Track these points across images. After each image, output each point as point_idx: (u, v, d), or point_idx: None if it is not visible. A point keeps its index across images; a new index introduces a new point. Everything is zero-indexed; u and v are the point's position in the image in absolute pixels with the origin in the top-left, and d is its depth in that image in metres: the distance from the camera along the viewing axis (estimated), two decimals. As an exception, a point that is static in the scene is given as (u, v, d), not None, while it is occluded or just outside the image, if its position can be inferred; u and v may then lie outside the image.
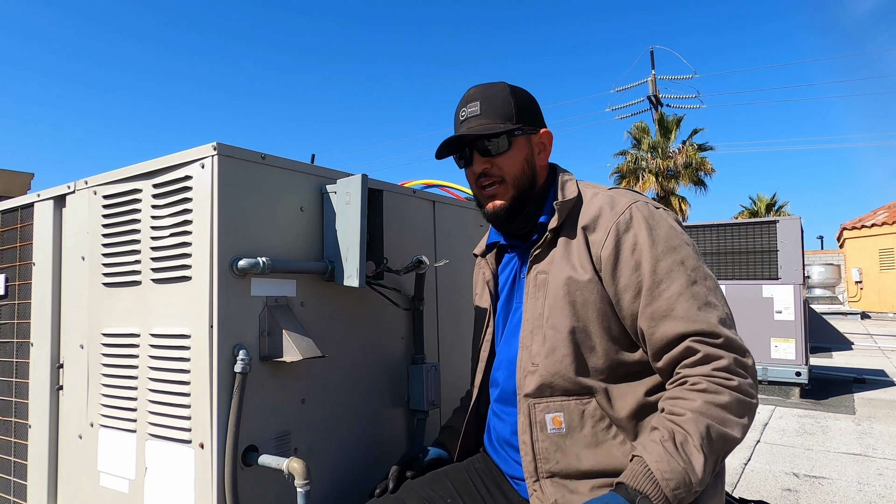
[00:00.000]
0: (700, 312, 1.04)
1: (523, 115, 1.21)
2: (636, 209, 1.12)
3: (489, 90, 1.22)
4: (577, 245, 1.15)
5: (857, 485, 3.17)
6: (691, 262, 1.09)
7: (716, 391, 1.00)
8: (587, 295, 1.12)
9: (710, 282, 1.09)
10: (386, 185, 1.60)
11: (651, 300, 1.07)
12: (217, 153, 1.19)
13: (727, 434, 0.99)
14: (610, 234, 1.11)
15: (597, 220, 1.14)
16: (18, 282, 1.72)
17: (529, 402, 1.13)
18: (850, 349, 9.12)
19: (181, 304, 1.23)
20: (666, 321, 1.05)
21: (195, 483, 1.19)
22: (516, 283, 1.28)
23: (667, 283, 1.06)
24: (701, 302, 1.05)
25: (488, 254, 1.38)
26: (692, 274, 1.07)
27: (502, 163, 1.20)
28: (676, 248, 1.09)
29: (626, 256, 1.09)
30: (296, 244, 1.35)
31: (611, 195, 1.18)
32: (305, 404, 1.34)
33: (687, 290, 1.05)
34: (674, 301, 1.05)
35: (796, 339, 5.19)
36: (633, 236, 1.10)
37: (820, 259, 18.31)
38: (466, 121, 1.21)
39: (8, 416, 1.73)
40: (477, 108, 1.19)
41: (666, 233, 1.10)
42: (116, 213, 1.40)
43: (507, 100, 1.20)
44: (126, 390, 1.34)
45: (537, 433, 1.12)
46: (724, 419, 0.99)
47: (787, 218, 5.44)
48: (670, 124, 23.78)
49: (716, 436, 0.98)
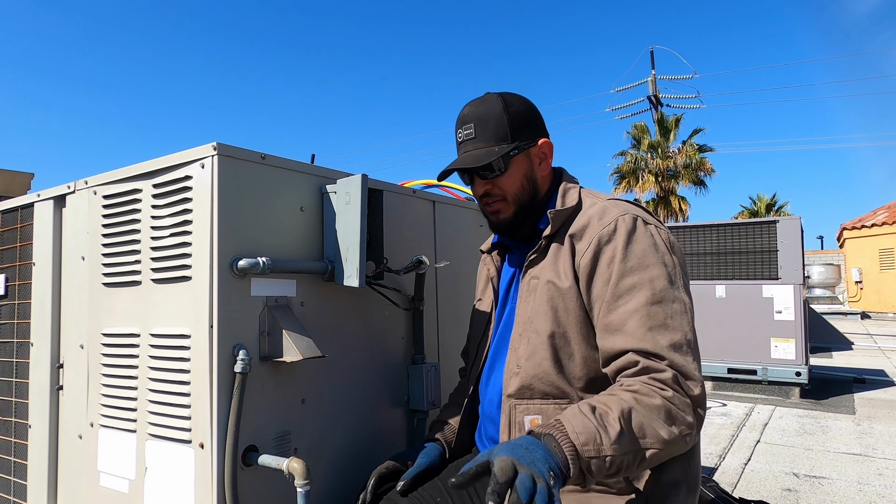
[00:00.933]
0: (649, 333, 1.02)
1: (519, 130, 1.21)
2: (622, 221, 1.11)
3: (481, 108, 1.21)
4: (564, 252, 1.16)
5: (857, 485, 3.17)
6: (661, 283, 1.06)
7: (647, 393, 0.97)
8: (568, 302, 1.13)
9: (678, 305, 1.05)
10: (386, 185, 1.60)
11: (607, 313, 1.07)
12: (217, 153, 1.19)
13: (649, 427, 0.95)
14: (592, 245, 1.11)
15: (584, 229, 1.15)
16: (18, 282, 1.72)
17: (511, 403, 1.16)
18: (850, 349, 9.12)
19: (181, 304, 1.23)
20: (615, 335, 1.05)
21: (195, 483, 1.19)
22: (513, 285, 1.31)
23: (626, 298, 1.06)
24: (655, 322, 1.03)
25: (493, 251, 1.40)
26: (657, 294, 1.05)
27: (502, 183, 1.22)
28: (648, 267, 1.07)
29: (602, 268, 1.10)
30: (296, 244, 1.35)
31: (605, 206, 1.17)
32: (305, 404, 1.34)
33: (643, 308, 1.04)
34: (626, 318, 1.04)
35: (796, 339, 5.19)
36: (611, 249, 1.10)
37: (820, 259, 18.32)
38: (463, 143, 1.22)
39: (8, 416, 1.73)
40: (472, 131, 1.20)
41: (642, 250, 1.08)
42: (116, 213, 1.40)
43: (501, 118, 1.20)
44: (126, 390, 1.34)
45: (515, 433, 1.14)
46: (650, 416, 0.95)
47: (787, 218, 5.44)
48: (670, 124, 23.78)
49: (637, 423, 0.94)
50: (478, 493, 1.25)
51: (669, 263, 1.09)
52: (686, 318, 1.06)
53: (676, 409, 0.97)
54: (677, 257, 1.12)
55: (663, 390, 0.98)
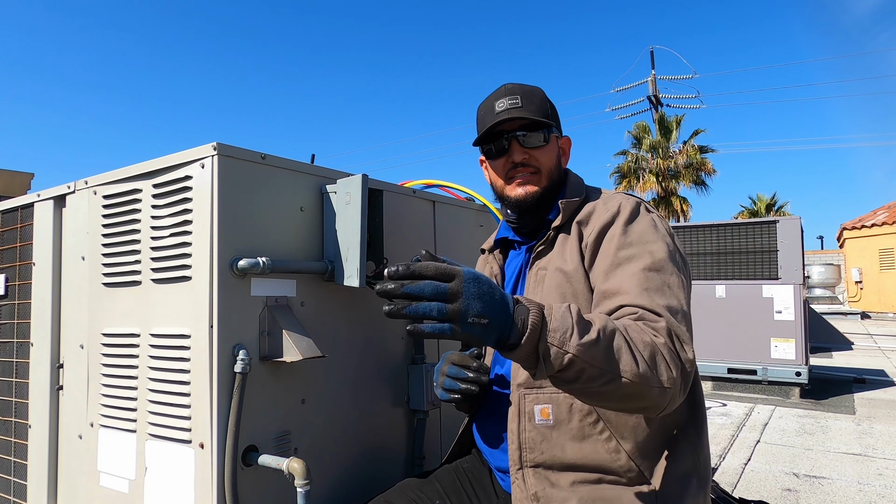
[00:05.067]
0: (646, 292, 0.99)
1: (554, 118, 1.27)
2: (626, 203, 1.16)
3: (528, 88, 1.25)
4: (571, 239, 1.18)
5: (857, 485, 3.17)
6: (660, 255, 1.05)
7: (639, 330, 0.92)
8: (575, 285, 1.13)
9: (675, 278, 1.03)
10: (386, 185, 1.60)
11: (605, 280, 1.07)
12: (217, 153, 1.19)
13: (626, 354, 0.87)
14: (597, 226, 1.14)
15: (590, 215, 1.18)
16: (18, 282, 1.72)
17: (520, 392, 1.15)
18: (850, 349, 9.12)
19: (181, 304, 1.23)
20: (612, 299, 1.03)
21: (195, 483, 1.19)
22: (520, 280, 1.30)
23: (623, 266, 1.05)
24: (652, 285, 1.00)
25: (496, 250, 1.40)
26: (656, 263, 1.04)
27: (540, 155, 1.23)
28: (647, 242, 1.08)
29: (605, 246, 1.12)
30: (296, 244, 1.35)
31: (610, 194, 1.23)
32: (305, 404, 1.34)
33: (641, 273, 1.02)
34: (623, 281, 1.03)
35: (796, 339, 5.19)
36: (615, 227, 1.12)
37: (820, 259, 18.31)
38: (507, 111, 1.21)
39: (8, 416, 1.73)
40: (518, 101, 1.22)
41: (642, 228, 1.11)
42: (116, 213, 1.40)
43: (544, 100, 1.25)
44: (126, 390, 1.34)
45: (525, 422, 1.13)
46: (633, 347, 0.88)
47: (787, 218, 5.44)
48: (670, 124, 23.77)
49: (616, 345, 0.87)
50: (476, 493, 1.26)
51: (671, 245, 1.10)
52: (683, 292, 1.04)
53: (662, 356, 0.91)
54: (678, 245, 1.14)
55: (655, 336, 0.93)
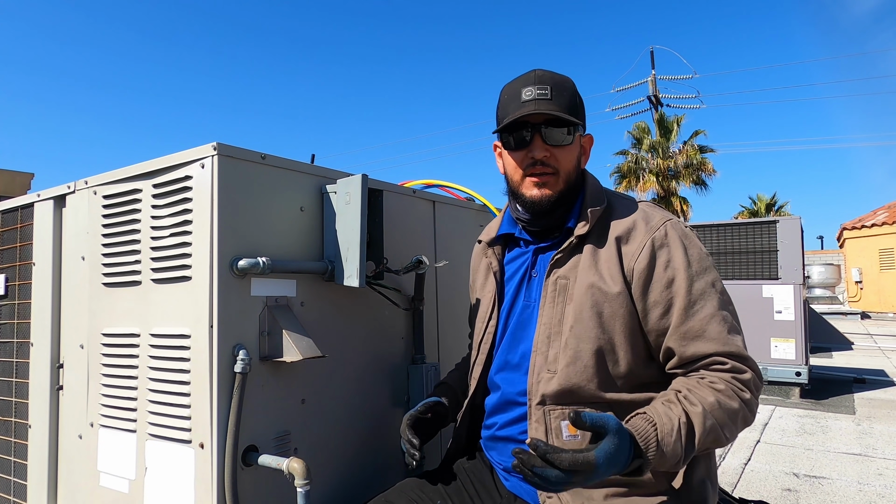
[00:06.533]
0: (730, 336, 1.09)
1: (581, 114, 1.20)
2: (671, 227, 1.15)
3: (558, 77, 1.18)
4: (607, 255, 1.14)
5: (857, 485, 3.17)
6: (720, 285, 1.13)
7: (730, 396, 1.05)
8: (615, 308, 1.11)
9: (733, 307, 1.14)
10: (386, 185, 1.60)
11: (685, 319, 1.09)
12: (217, 153, 1.19)
13: (721, 438, 1.04)
14: (645, 248, 1.12)
15: (631, 231, 1.14)
16: (18, 282, 1.72)
17: (545, 409, 1.12)
18: (850, 349, 9.12)
19: (181, 304, 1.23)
20: (698, 341, 1.09)
21: (195, 483, 1.19)
22: (526, 282, 1.25)
23: (700, 303, 1.10)
24: (730, 326, 1.10)
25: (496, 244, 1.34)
26: (722, 297, 1.12)
27: (561, 155, 1.17)
28: (708, 270, 1.13)
29: (660, 273, 1.11)
30: (296, 244, 1.35)
31: (643, 209, 1.19)
32: (305, 404, 1.34)
33: (718, 313, 1.10)
34: (706, 323, 1.09)
35: (796, 339, 5.19)
36: (667, 253, 1.12)
37: (820, 259, 18.31)
38: (535, 101, 1.14)
39: (8, 416, 1.73)
40: (548, 92, 1.14)
41: (698, 254, 1.14)
42: (116, 213, 1.40)
43: (574, 93, 1.19)
44: (126, 390, 1.34)
45: (552, 440, 1.11)
46: (725, 423, 1.04)
47: (787, 218, 5.44)
48: (670, 124, 23.77)
49: (713, 437, 1.03)
50: (478, 493, 1.25)
51: (713, 264, 1.17)
52: (737, 314, 1.15)
53: (749, 411, 1.07)
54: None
55: (743, 392, 1.06)
